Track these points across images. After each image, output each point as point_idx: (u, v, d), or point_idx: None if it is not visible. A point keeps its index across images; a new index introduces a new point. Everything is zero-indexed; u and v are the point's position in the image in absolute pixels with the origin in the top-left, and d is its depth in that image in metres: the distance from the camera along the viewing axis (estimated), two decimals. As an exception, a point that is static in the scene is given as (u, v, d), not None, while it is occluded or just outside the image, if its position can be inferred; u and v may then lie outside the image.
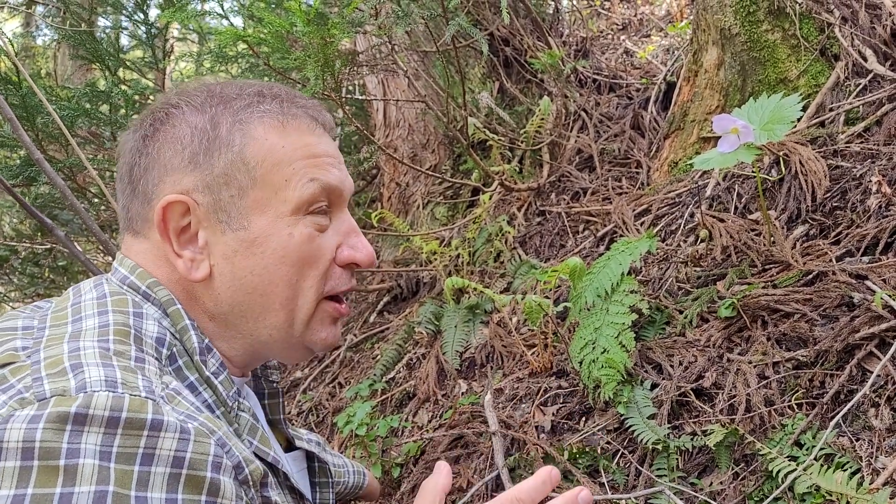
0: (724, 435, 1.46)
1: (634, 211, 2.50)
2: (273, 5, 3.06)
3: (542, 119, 3.06)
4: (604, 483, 1.58)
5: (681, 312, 1.88)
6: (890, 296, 1.50)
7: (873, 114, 2.13)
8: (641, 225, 2.41)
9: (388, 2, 2.61)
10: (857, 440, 1.36)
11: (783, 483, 1.32)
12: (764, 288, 1.76)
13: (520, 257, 2.72)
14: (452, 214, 3.33)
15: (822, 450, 1.36)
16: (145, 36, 3.80)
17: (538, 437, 1.77)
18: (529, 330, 2.23)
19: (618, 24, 4.70)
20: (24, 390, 0.71)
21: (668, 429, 1.59)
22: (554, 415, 1.83)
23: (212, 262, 0.94)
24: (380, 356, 2.62)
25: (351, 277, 1.03)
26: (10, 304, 4.97)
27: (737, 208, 2.14)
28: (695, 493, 1.44)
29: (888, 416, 1.35)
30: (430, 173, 3.19)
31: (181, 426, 0.72)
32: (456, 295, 2.60)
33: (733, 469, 1.45)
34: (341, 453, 2.08)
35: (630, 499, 1.49)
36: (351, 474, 1.56)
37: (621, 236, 2.40)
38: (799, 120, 2.17)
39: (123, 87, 3.58)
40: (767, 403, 1.52)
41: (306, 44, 2.15)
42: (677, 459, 1.53)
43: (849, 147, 2.07)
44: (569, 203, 2.88)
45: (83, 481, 0.66)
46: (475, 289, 2.26)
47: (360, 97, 3.70)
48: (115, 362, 0.76)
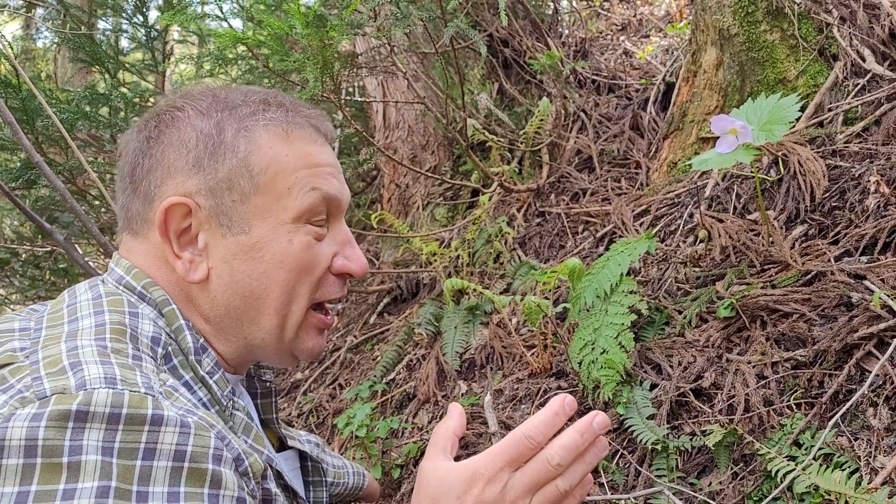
0: (723, 435, 1.46)
1: (634, 211, 2.50)
2: (272, 8, 3.07)
3: (542, 120, 3.07)
4: (603, 483, 1.58)
5: (680, 313, 1.88)
6: (888, 295, 1.50)
7: (872, 114, 2.13)
8: (641, 225, 2.41)
9: (387, 4, 2.61)
10: (856, 440, 1.36)
11: (782, 483, 1.33)
12: (763, 288, 1.77)
13: (519, 258, 2.73)
14: (452, 216, 3.34)
15: (820, 449, 1.36)
16: (145, 38, 3.81)
17: (538, 438, 1.77)
18: (529, 331, 2.23)
19: (617, 25, 4.70)
20: (24, 389, 0.72)
21: (668, 429, 1.59)
22: (553, 415, 1.83)
23: (210, 265, 0.96)
24: (380, 357, 2.62)
25: (343, 286, 1.06)
26: (11, 306, 4.97)
27: (735, 208, 2.15)
28: (694, 494, 1.44)
29: (886, 416, 1.35)
30: (430, 175, 3.20)
31: (181, 420, 0.73)
32: (456, 296, 2.60)
33: (732, 469, 1.46)
34: (341, 455, 2.09)
35: (629, 499, 1.49)
36: (351, 475, 1.57)
37: (620, 237, 2.41)
38: (797, 120, 2.17)
39: (123, 90, 3.58)
40: (766, 403, 1.52)
41: (305, 46, 2.15)
42: (676, 459, 1.54)
43: (847, 147, 2.07)
44: (568, 204, 2.88)
45: (86, 477, 0.66)
46: (475, 290, 2.26)
47: (360, 99, 3.71)
48: (113, 360, 0.77)
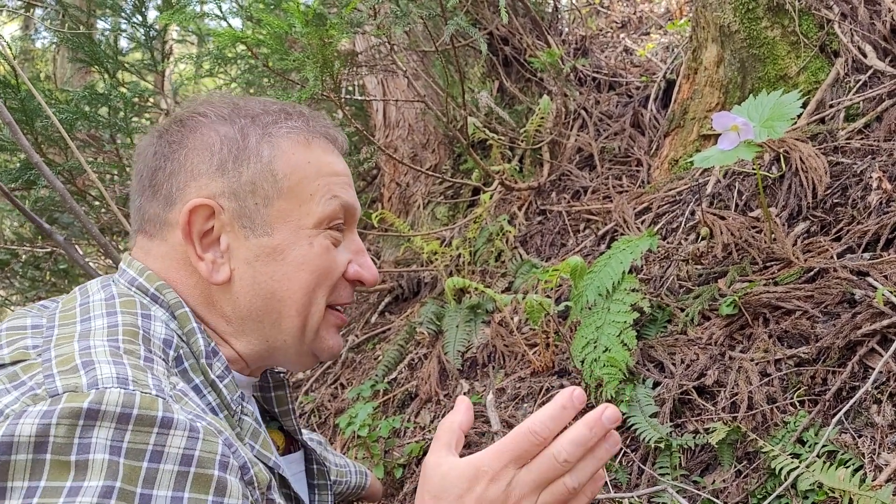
0: (727, 433, 1.46)
1: (635, 209, 2.49)
2: (272, 6, 3.06)
3: (542, 118, 3.06)
4: (606, 482, 1.58)
5: (682, 310, 1.88)
6: (891, 292, 1.50)
7: (873, 110, 2.12)
8: (642, 223, 2.40)
9: (387, 2, 2.61)
10: (860, 437, 1.35)
11: (786, 480, 1.32)
12: (765, 285, 1.76)
13: (521, 257, 2.72)
14: (453, 214, 3.33)
15: (824, 447, 1.36)
16: (144, 38, 3.80)
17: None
18: (531, 329, 2.22)
19: (617, 22, 4.69)
20: (35, 387, 0.73)
21: (671, 427, 1.58)
22: (556, 414, 1.83)
23: (232, 266, 0.98)
24: (381, 357, 2.62)
25: (352, 293, 1.09)
26: (12, 307, 4.97)
27: (737, 206, 2.14)
28: (697, 492, 1.44)
29: (890, 413, 1.35)
30: (431, 173, 3.19)
31: (191, 424, 0.73)
32: (457, 295, 2.60)
33: (736, 467, 1.45)
34: (344, 454, 2.08)
35: (633, 497, 1.48)
36: (353, 475, 1.56)
37: (622, 235, 2.40)
38: (799, 117, 2.17)
39: (122, 90, 3.57)
40: (769, 401, 1.52)
41: (305, 45, 2.14)
42: (680, 458, 1.53)
43: (849, 143, 2.07)
44: (569, 202, 2.88)
45: (93, 476, 0.67)
46: (476, 288, 2.26)
47: (360, 98, 3.70)
48: (125, 360, 0.77)
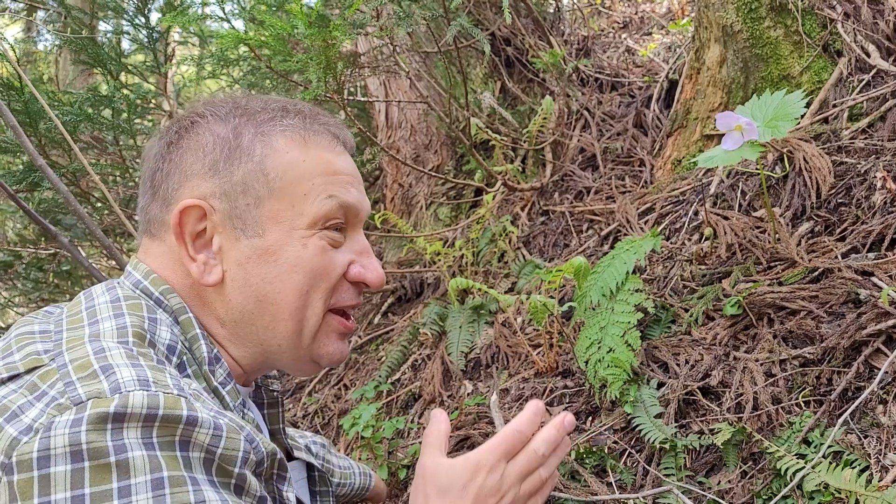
0: (732, 433, 1.46)
1: (638, 209, 2.49)
2: (274, 8, 3.06)
3: (545, 118, 3.06)
4: (611, 483, 1.57)
5: (686, 311, 1.88)
6: (896, 292, 1.49)
7: (877, 109, 2.12)
8: (645, 223, 2.40)
9: (390, 3, 2.61)
10: (866, 437, 1.35)
11: (791, 481, 1.32)
12: (769, 285, 1.76)
13: (524, 257, 2.72)
14: (456, 215, 3.33)
15: (830, 447, 1.36)
16: (147, 40, 3.80)
17: (545, 438, 1.77)
18: (534, 330, 2.22)
19: (619, 23, 4.69)
20: (58, 396, 0.73)
21: (675, 428, 1.58)
22: (560, 415, 1.82)
23: (224, 268, 0.96)
24: (385, 358, 2.62)
25: (358, 295, 1.05)
26: (15, 309, 4.98)
27: (741, 206, 2.14)
28: (703, 492, 1.43)
29: (896, 413, 1.35)
30: (433, 174, 3.19)
31: (214, 422, 0.74)
32: (460, 295, 2.59)
33: (741, 467, 1.45)
34: (347, 455, 2.08)
35: (638, 498, 1.48)
36: (357, 476, 1.56)
37: (625, 235, 2.40)
38: (802, 116, 2.16)
39: (125, 92, 3.58)
40: (775, 401, 1.51)
41: (308, 46, 2.14)
42: (685, 458, 1.53)
43: (853, 143, 2.07)
44: (572, 202, 2.88)
45: (137, 472, 0.68)
46: (479, 289, 2.25)
47: (363, 99, 3.70)
48: (142, 362, 0.78)
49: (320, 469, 1.25)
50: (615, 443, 1.66)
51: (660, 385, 1.71)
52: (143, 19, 3.74)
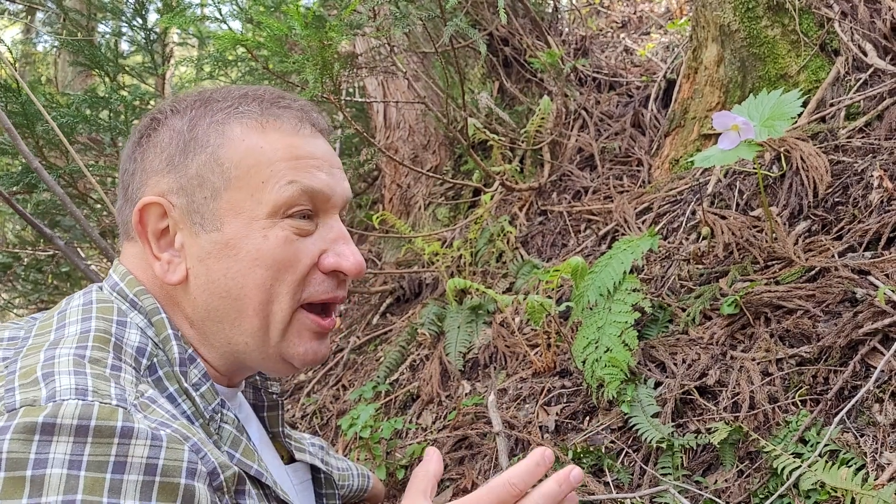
0: (729, 432, 1.46)
1: (636, 209, 2.49)
2: (272, 9, 3.06)
3: (543, 118, 3.06)
4: (608, 482, 1.58)
5: (683, 310, 1.88)
6: (893, 291, 1.49)
7: (874, 108, 2.12)
8: (643, 223, 2.40)
9: (386, 3, 2.61)
10: (862, 436, 1.35)
11: (788, 480, 1.32)
12: (766, 285, 1.76)
13: (522, 257, 2.72)
14: (454, 215, 3.33)
15: (826, 446, 1.36)
16: (144, 41, 3.81)
17: (542, 437, 1.77)
18: (532, 330, 2.22)
19: (617, 22, 4.69)
20: None
21: (672, 427, 1.58)
22: (558, 414, 1.83)
23: (188, 265, 0.93)
24: (383, 358, 2.62)
25: (336, 287, 0.98)
26: (15, 310, 4.98)
27: (738, 205, 2.14)
28: (700, 492, 1.43)
29: (892, 412, 1.35)
30: (431, 174, 3.19)
31: (153, 433, 0.71)
32: (458, 296, 2.59)
33: (738, 467, 1.45)
34: (345, 456, 2.08)
35: (635, 498, 1.48)
36: (355, 477, 1.56)
37: (623, 235, 2.40)
38: (799, 116, 2.16)
39: (123, 93, 3.58)
40: (771, 400, 1.51)
41: (305, 47, 2.15)
42: (682, 458, 1.53)
43: (850, 142, 2.07)
44: (570, 202, 2.88)
45: (50, 491, 0.65)
46: (477, 289, 2.25)
47: (360, 99, 3.70)
48: (87, 370, 0.75)
49: (325, 471, 1.23)
50: (612, 442, 1.66)
51: (657, 384, 1.71)
52: (140, 21, 3.74)
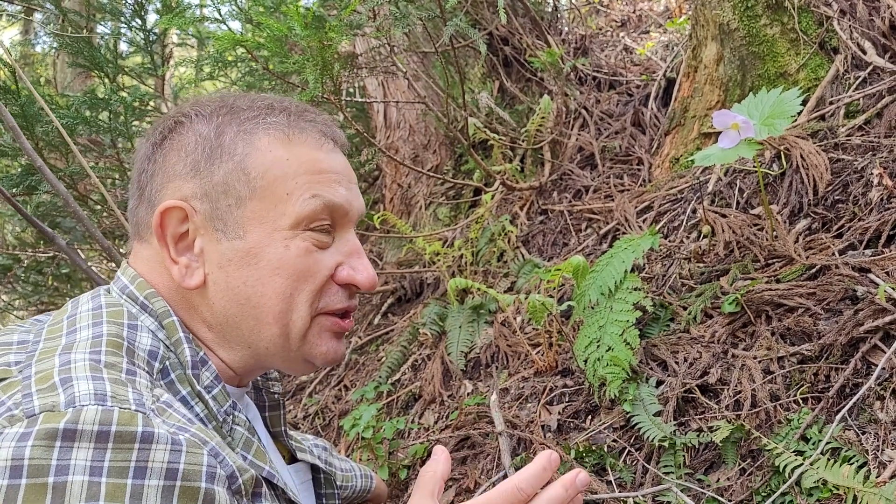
0: (731, 431, 1.46)
1: (636, 208, 2.50)
2: (271, 9, 3.07)
3: (543, 118, 3.06)
4: (611, 481, 1.58)
5: (685, 309, 1.88)
6: (893, 288, 1.50)
7: (873, 106, 2.12)
8: (644, 222, 2.41)
9: (386, 3, 2.61)
10: (864, 433, 1.36)
11: (790, 478, 1.33)
12: (767, 283, 1.76)
13: (523, 256, 2.72)
14: (455, 215, 3.34)
15: (828, 444, 1.36)
16: (144, 42, 3.81)
17: (544, 437, 1.78)
18: (534, 329, 2.23)
19: (617, 21, 4.69)
20: (13, 407, 0.71)
21: (674, 426, 1.59)
22: (560, 413, 1.83)
23: (206, 271, 0.94)
24: (385, 358, 2.62)
25: (349, 298, 1.01)
26: (15, 312, 4.98)
27: (739, 203, 2.14)
28: (702, 490, 1.44)
29: (894, 409, 1.35)
30: (432, 174, 3.20)
31: (172, 438, 0.72)
32: (460, 295, 2.60)
33: (740, 465, 1.45)
34: (348, 457, 2.09)
35: (637, 496, 1.49)
36: (358, 478, 1.56)
37: (624, 234, 2.40)
38: (799, 114, 2.17)
39: (123, 94, 3.58)
40: (773, 398, 1.52)
41: (305, 47, 2.15)
42: (684, 456, 1.53)
43: (850, 140, 2.07)
44: (571, 201, 2.88)
45: (72, 498, 0.65)
46: (479, 289, 2.26)
47: (361, 99, 3.70)
48: (105, 375, 0.76)
49: (326, 471, 1.23)
50: (614, 441, 1.66)
51: (659, 383, 1.71)
52: (140, 21, 3.74)
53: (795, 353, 1.56)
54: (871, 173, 1.86)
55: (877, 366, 1.43)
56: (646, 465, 1.57)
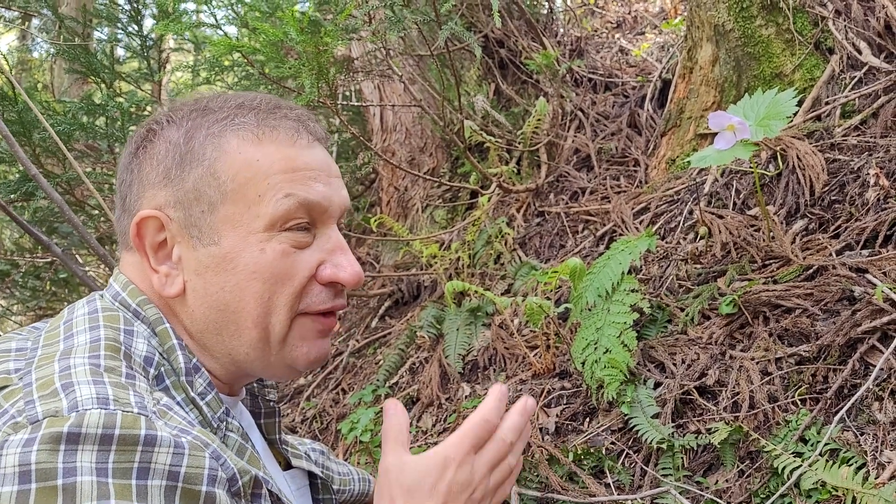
0: (729, 432, 1.46)
1: (633, 209, 2.50)
2: (267, 14, 3.06)
3: (539, 120, 3.06)
4: (609, 484, 1.58)
5: (682, 310, 1.88)
6: (891, 289, 1.50)
7: (869, 106, 2.13)
8: (640, 223, 2.40)
9: (382, 8, 2.61)
10: (862, 434, 1.35)
11: (789, 479, 1.32)
12: (764, 284, 1.76)
13: (520, 259, 2.72)
14: (452, 217, 3.33)
15: (826, 445, 1.36)
16: (140, 48, 3.81)
17: (542, 439, 1.77)
18: (531, 331, 2.22)
19: (612, 23, 4.70)
20: (17, 414, 0.71)
21: (673, 428, 1.58)
22: (558, 416, 1.83)
23: (185, 278, 0.93)
24: (382, 361, 2.62)
25: (335, 296, 0.98)
26: (13, 317, 4.97)
27: (735, 204, 2.14)
28: (700, 492, 1.44)
29: (892, 410, 1.35)
30: (429, 177, 3.20)
31: (175, 441, 0.72)
32: (457, 298, 2.59)
33: (738, 466, 1.45)
34: (346, 460, 2.08)
35: (636, 499, 1.48)
36: (356, 482, 1.56)
37: (621, 235, 2.40)
38: (795, 115, 2.17)
39: (120, 100, 3.57)
40: (771, 400, 1.52)
41: (300, 52, 2.15)
42: (682, 458, 1.53)
43: (846, 140, 2.07)
44: (567, 203, 2.88)
45: (83, 498, 0.66)
46: (476, 291, 2.25)
47: (357, 103, 3.70)
48: (106, 379, 0.76)
49: (322, 477, 1.23)
50: (613, 443, 1.66)
51: (656, 385, 1.71)
52: (136, 27, 3.74)
53: (793, 354, 1.56)
54: (868, 173, 1.86)
55: (875, 366, 1.42)
56: (644, 467, 1.57)
